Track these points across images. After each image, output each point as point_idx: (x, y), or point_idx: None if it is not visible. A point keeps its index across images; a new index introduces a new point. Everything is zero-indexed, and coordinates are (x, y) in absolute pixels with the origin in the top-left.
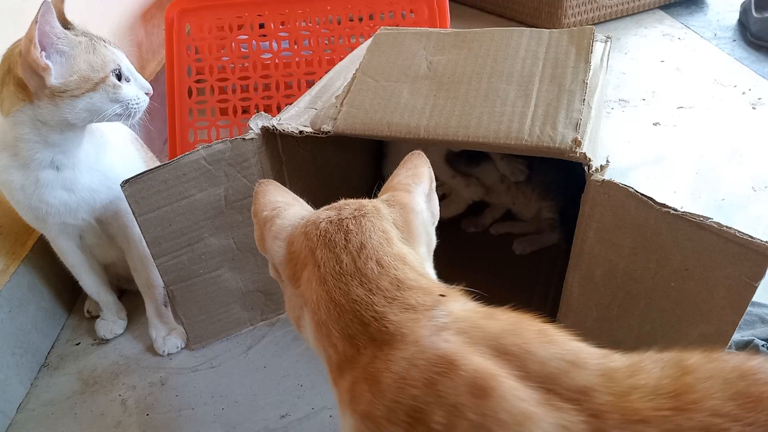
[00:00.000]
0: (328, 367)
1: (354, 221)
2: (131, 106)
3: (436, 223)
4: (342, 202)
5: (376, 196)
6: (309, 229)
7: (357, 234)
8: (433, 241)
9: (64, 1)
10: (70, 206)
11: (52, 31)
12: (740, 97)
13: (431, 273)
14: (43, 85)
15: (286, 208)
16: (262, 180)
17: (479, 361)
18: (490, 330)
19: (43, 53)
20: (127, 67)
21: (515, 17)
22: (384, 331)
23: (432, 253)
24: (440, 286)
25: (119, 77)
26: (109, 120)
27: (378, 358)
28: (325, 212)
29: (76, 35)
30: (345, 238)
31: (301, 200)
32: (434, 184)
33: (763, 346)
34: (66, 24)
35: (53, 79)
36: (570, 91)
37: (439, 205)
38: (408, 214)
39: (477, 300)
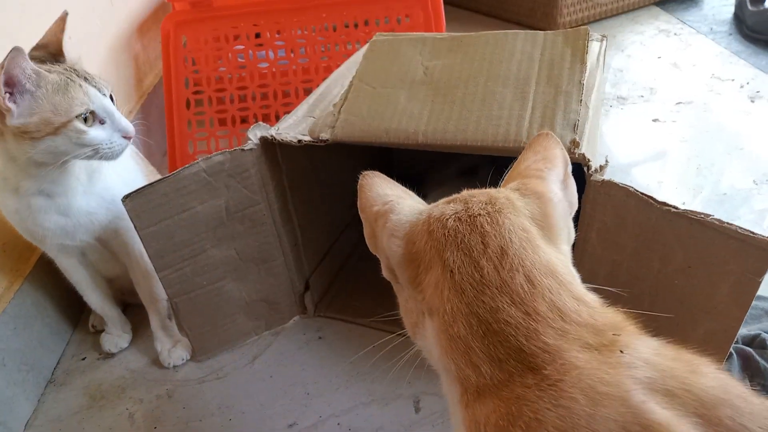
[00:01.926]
0: (460, 387)
1: (489, 219)
2: (103, 149)
3: (574, 213)
4: (466, 193)
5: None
6: (434, 227)
7: (495, 236)
8: (573, 235)
9: (64, 31)
10: (67, 230)
11: (22, 73)
12: (738, 91)
13: (576, 275)
14: (5, 123)
15: (399, 201)
16: (366, 172)
17: None
18: (701, 395)
19: (8, 95)
20: (104, 108)
21: (511, 18)
22: (560, 369)
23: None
24: (603, 316)
25: (93, 119)
26: (82, 160)
27: (550, 396)
28: (449, 206)
29: (51, 72)
30: (482, 242)
31: (411, 192)
32: (570, 167)
33: None
34: (58, 56)
35: (13, 119)
36: (566, 92)
37: None
38: (546, 206)
39: None
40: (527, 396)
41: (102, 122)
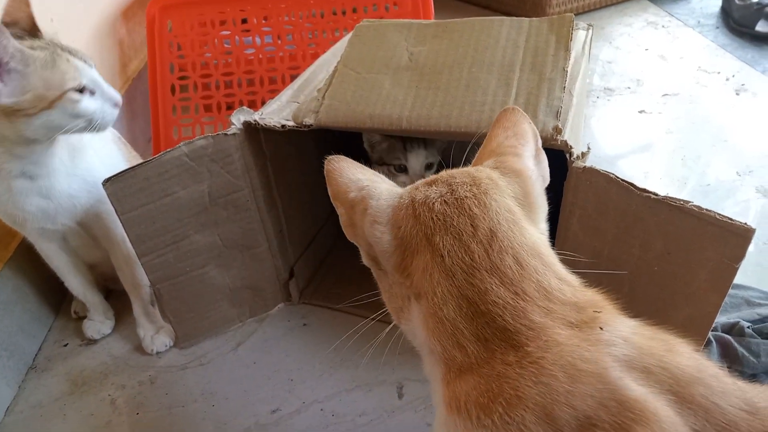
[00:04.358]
0: (444, 367)
1: (476, 201)
2: (95, 120)
3: (546, 185)
4: (446, 174)
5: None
6: (420, 210)
7: (484, 219)
8: (546, 208)
9: (29, 5)
10: (48, 213)
11: (4, 51)
12: (724, 84)
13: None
14: None
15: (375, 186)
16: (331, 157)
17: (673, 417)
18: (676, 373)
19: None
20: (92, 79)
21: (500, 8)
22: (543, 346)
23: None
24: (584, 294)
25: (83, 91)
26: (73, 133)
27: (530, 372)
28: (432, 189)
29: (34, 49)
30: (471, 225)
31: (381, 175)
32: (540, 141)
33: (748, 327)
34: (34, 31)
35: (4, 98)
36: (550, 79)
37: None
38: (526, 184)
39: None
40: (508, 373)
41: (92, 93)
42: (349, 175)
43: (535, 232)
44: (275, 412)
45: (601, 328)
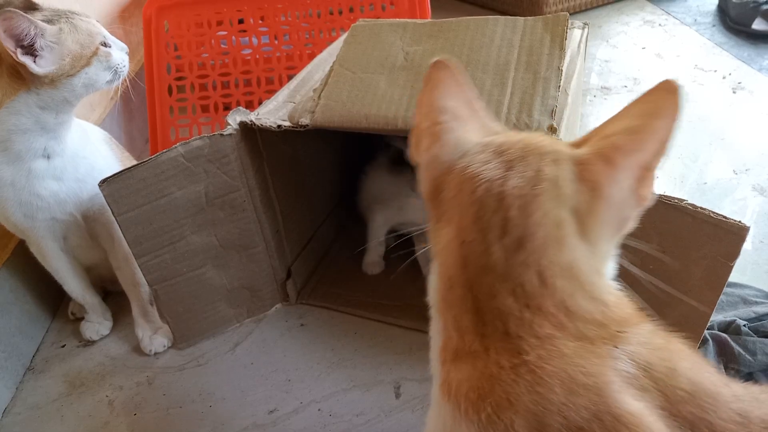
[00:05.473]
0: (442, 342)
1: (520, 203)
2: (120, 69)
3: (646, 205)
4: (518, 151)
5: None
6: (465, 186)
7: (519, 226)
8: (628, 227)
9: None
10: (60, 197)
11: (26, 31)
12: (721, 82)
13: (607, 273)
14: (30, 76)
15: (450, 127)
16: (440, 60)
17: None
18: (673, 389)
19: (19, 49)
20: (106, 35)
21: (496, 7)
22: (544, 356)
23: (621, 237)
24: (615, 314)
25: (104, 45)
26: (99, 89)
27: (525, 381)
28: (489, 166)
29: (51, 23)
30: (502, 226)
31: (477, 107)
32: (666, 149)
33: (744, 326)
34: (31, 5)
35: (48, 67)
36: (545, 78)
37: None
38: (596, 204)
39: None
40: (501, 376)
41: (109, 46)
42: (438, 96)
43: (582, 250)
44: (273, 413)
45: (615, 346)
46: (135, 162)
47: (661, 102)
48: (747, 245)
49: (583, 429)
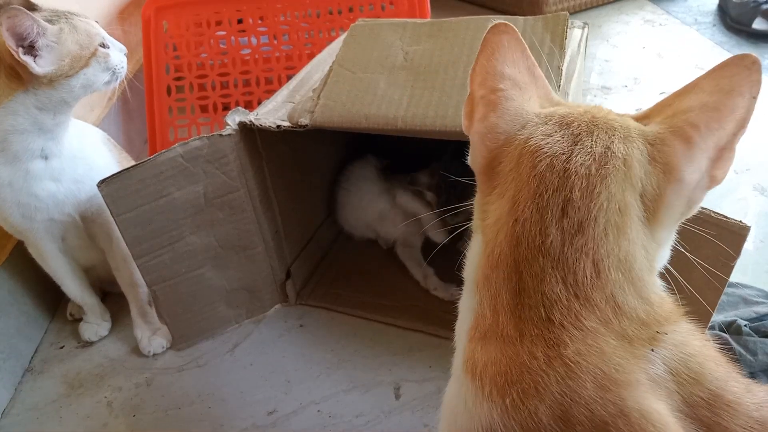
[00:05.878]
0: (473, 319)
1: (585, 183)
2: (118, 70)
3: (716, 185)
4: (584, 125)
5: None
6: (525, 160)
7: (580, 208)
8: (693, 211)
9: None
10: (58, 198)
11: (29, 30)
12: None
13: (662, 260)
14: (29, 76)
15: (508, 97)
16: (499, 23)
17: None
18: (695, 397)
19: (21, 48)
20: (104, 35)
21: (496, 7)
22: (582, 351)
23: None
24: (659, 315)
25: (103, 46)
26: (97, 90)
27: (557, 373)
28: (553, 139)
29: (52, 23)
30: (563, 208)
31: (538, 75)
32: (745, 128)
33: (746, 326)
34: (31, 6)
35: (47, 67)
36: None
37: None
38: (667, 187)
39: None
40: (532, 366)
41: (108, 47)
42: (497, 62)
43: (642, 240)
44: (272, 414)
45: (652, 349)
46: (133, 163)
47: (738, 78)
48: (748, 245)
49: (608, 424)
